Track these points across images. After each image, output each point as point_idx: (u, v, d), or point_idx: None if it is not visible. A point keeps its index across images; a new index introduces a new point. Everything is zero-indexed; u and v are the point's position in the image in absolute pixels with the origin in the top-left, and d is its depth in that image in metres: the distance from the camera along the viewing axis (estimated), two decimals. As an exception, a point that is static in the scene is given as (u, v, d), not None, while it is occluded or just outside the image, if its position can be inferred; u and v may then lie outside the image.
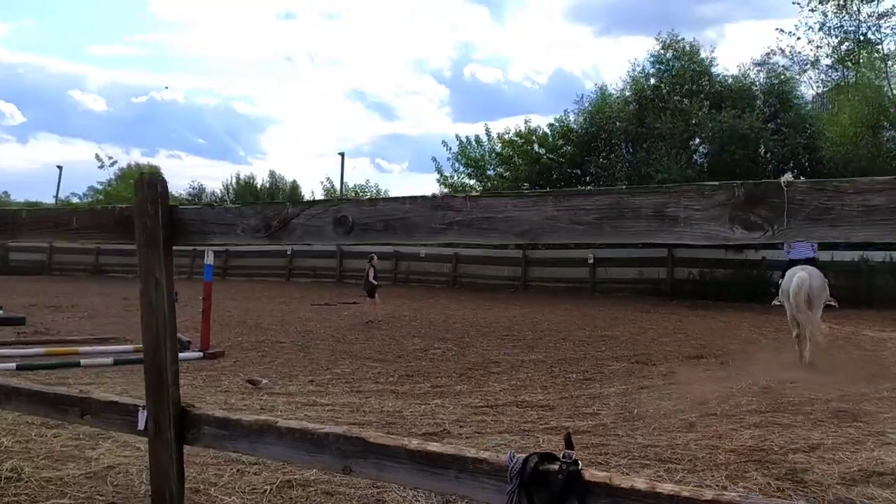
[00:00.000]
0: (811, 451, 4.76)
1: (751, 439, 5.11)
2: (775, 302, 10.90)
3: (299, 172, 65.41)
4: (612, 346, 11.28)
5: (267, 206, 2.44)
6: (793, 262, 10.77)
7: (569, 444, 2.00)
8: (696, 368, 8.88)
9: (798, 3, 26.24)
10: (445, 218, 2.07)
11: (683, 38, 24.26)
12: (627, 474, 4.13)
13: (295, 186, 67.68)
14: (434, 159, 29.45)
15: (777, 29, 36.28)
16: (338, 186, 31.83)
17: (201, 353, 9.68)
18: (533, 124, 26.94)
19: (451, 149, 27.81)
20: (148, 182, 2.64)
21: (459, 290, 26.34)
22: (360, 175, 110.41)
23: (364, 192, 32.50)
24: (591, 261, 25.09)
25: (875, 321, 16.53)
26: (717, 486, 3.99)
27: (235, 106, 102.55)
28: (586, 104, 25.55)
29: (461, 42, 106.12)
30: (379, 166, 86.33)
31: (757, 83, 23.60)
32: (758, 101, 22.74)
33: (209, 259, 10.23)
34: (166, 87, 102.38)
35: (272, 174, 66.08)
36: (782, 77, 23.77)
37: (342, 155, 32.22)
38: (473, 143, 27.33)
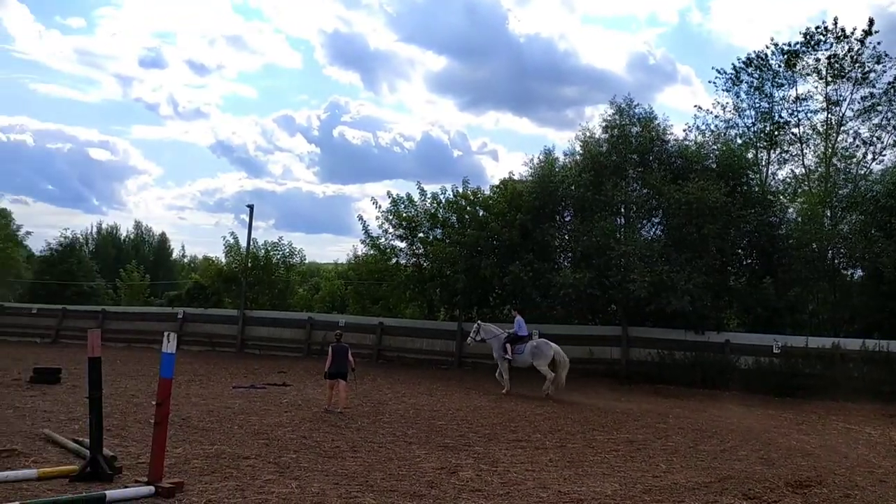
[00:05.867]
0: None
1: None
2: (508, 357, 17.66)
3: (166, 225, 59.75)
4: (695, 461, 8.87)
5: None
6: (520, 337, 17.85)
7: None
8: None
9: (714, 83, 28.09)
10: None
11: (639, 104, 23.00)
12: None
13: (164, 240, 61.48)
14: (360, 218, 26.48)
15: (695, 106, 37.61)
16: (244, 243, 28.03)
17: (151, 489, 6.40)
18: (472, 185, 24.72)
19: (379, 207, 25.04)
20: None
21: (386, 367, 23.17)
22: (224, 231, 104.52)
23: (277, 250, 28.78)
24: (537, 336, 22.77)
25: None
26: None
27: (91, 153, 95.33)
28: (532, 169, 23.65)
29: (332, 102, 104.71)
30: (244, 222, 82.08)
31: (713, 155, 22.56)
32: (713, 174, 21.60)
33: (170, 345, 6.88)
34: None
35: (138, 225, 60.21)
36: (736, 151, 22.89)
37: (251, 207, 28.53)
38: (406, 201, 24.71)
